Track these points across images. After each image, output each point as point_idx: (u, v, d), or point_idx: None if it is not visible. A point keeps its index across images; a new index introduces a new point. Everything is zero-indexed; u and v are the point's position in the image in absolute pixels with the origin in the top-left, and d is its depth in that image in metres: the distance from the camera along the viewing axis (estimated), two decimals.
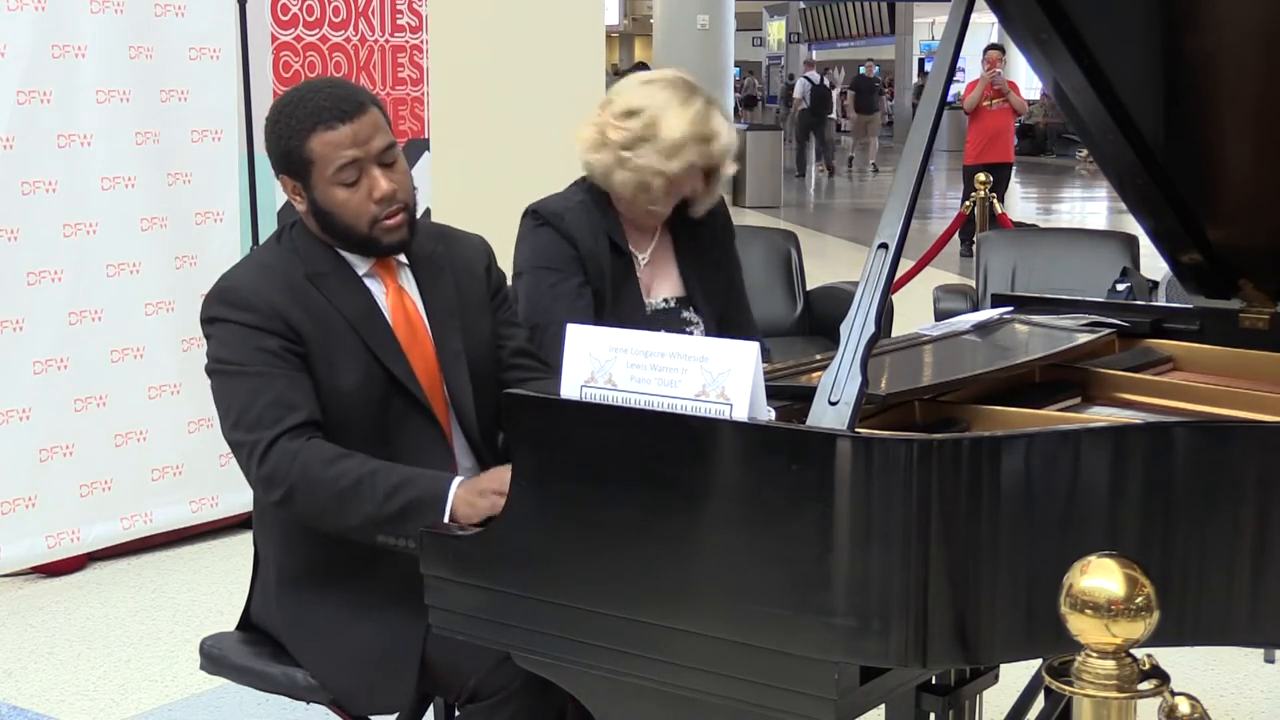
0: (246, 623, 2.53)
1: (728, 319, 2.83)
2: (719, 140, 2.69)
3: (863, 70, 26.05)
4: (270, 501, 2.26)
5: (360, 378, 2.32)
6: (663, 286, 2.80)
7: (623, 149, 2.68)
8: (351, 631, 2.33)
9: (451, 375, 2.41)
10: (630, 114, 2.69)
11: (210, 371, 2.34)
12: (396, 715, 2.56)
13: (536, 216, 2.74)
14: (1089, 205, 18.08)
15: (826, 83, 22.94)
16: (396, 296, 2.40)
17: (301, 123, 2.29)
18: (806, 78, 22.84)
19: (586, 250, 2.71)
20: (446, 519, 2.15)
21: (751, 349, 1.85)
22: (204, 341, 2.37)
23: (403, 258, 2.43)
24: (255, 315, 2.28)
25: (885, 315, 2.15)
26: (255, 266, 2.42)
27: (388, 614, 2.29)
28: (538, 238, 2.72)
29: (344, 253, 2.38)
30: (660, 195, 2.70)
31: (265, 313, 2.29)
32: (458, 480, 2.20)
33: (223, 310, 2.32)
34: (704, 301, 2.81)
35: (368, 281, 2.39)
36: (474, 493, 2.16)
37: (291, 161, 2.31)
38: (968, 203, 8.11)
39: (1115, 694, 1.54)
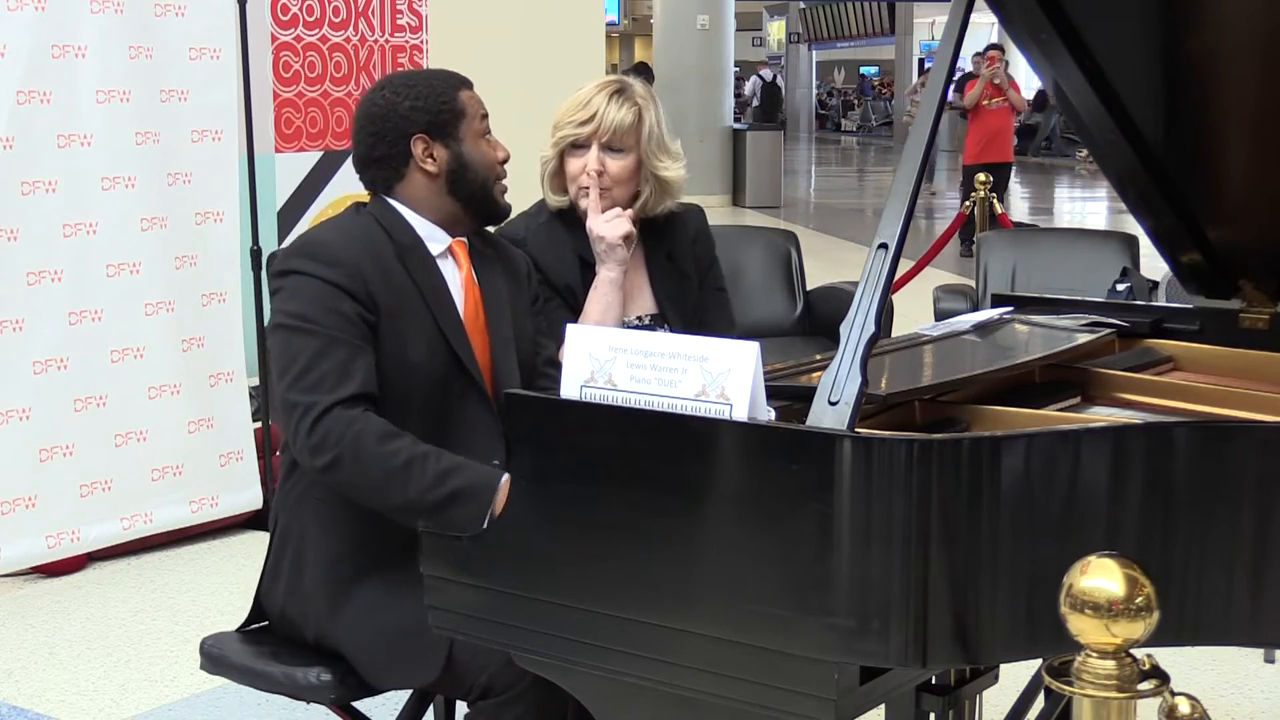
0: (259, 613, 2.52)
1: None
2: (595, 117, 2.68)
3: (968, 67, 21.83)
4: (314, 467, 2.25)
5: (426, 353, 2.36)
6: (636, 304, 2.78)
7: (543, 155, 2.76)
8: (388, 607, 2.33)
9: (500, 361, 2.46)
10: None
11: (276, 325, 2.34)
12: (397, 716, 2.57)
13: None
14: (1089, 205, 18.09)
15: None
16: (469, 277, 2.47)
17: (446, 81, 2.47)
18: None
19: (550, 271, 2.72)
20: (489, 515, 2.13)
21: (752, 349, 1.85)
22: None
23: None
24: (338, 272, 2.30)
25: (885, 315, 2.15)
26: (338, 229, 2.44)
27: (420, 593, 2.29)
28: None
29: (423, 229, 2.44)
30: (561, 181, 2.73)
31: (349, 271, 2.31)
32: (507, 477, 2.19)
33: (304, 264, 2.32)
34: (678, 319, 2.78)
35: (441, 263, 2.44)
36: None
37: (441, 114, 2.42)
38: (968, 203, 8.12)
39: (1115, 694, 1.54)
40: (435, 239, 2.44)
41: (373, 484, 2.22)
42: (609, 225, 2.66)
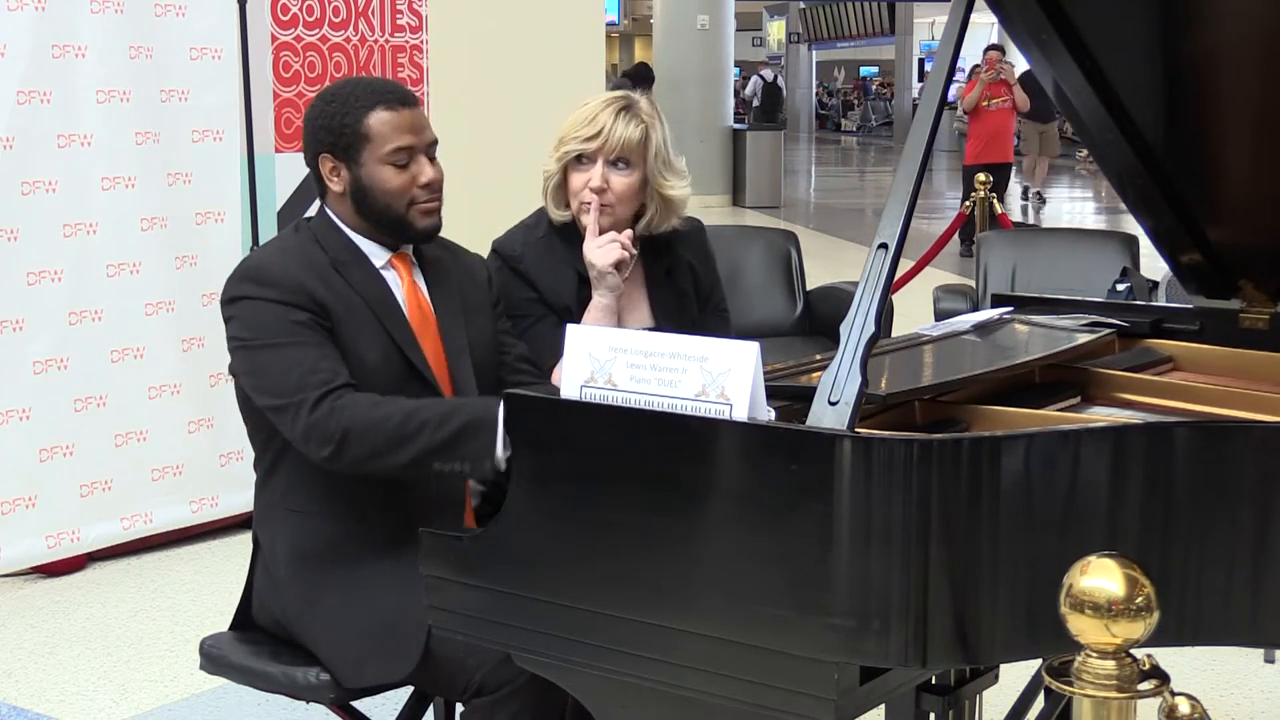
0: (242, 622, 2.53)
1: None
2: (602, 133, 2.65)
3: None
4: (320, 457, 2.26)
5: (379, 359, 2.37)
6: (633, 317, 2.76)
7: (545, 168, 2.73)
8: (360, 604, 2.34)
9: (456, 367, 2.47)
10: None
11: (236, 348, 2.36)
12: (397, 715, 2.57)
13: (496, 257, 2.76)
14: (1088, 205, 18.08)
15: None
16: (411, 288, 2.47)
17: (362, 100, 2.39)
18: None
19: (547, 288, 2.71)
20: (501, 439, 2.13)
21: (752, 349, 1.85)
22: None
23: (413, 257, 2.49)
24: (282, 290, 2.32)
25: (885, 315, 2.15)
26: (277, 250, 2.47)
27: (397, 589, 2.30)
28: (500, 280, 2.73)
29: (363, 244, 2.44)
30: (564, 195, 2.70)
31: (292, 288, 2.33)
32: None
33: (249, 288, 2.35)
34: (674, 331, 2.77)
35: (384, 273, 2.45)
36: None
37: (343, 137, 2.38)
38: (968, 203, 8.12)
39: (1115, 694, 1.54)
40: (375, 253, 2.45)
41: (381, 449, 2.23)
42: (600, 251, 2.63)
